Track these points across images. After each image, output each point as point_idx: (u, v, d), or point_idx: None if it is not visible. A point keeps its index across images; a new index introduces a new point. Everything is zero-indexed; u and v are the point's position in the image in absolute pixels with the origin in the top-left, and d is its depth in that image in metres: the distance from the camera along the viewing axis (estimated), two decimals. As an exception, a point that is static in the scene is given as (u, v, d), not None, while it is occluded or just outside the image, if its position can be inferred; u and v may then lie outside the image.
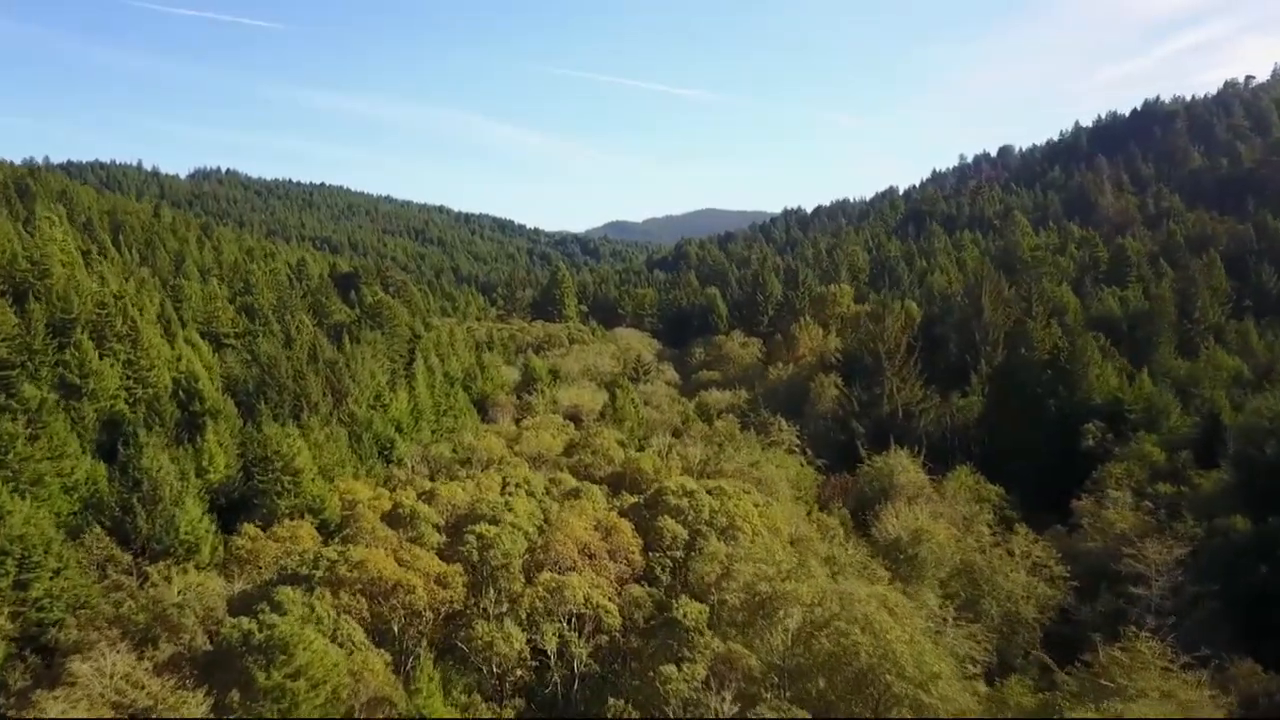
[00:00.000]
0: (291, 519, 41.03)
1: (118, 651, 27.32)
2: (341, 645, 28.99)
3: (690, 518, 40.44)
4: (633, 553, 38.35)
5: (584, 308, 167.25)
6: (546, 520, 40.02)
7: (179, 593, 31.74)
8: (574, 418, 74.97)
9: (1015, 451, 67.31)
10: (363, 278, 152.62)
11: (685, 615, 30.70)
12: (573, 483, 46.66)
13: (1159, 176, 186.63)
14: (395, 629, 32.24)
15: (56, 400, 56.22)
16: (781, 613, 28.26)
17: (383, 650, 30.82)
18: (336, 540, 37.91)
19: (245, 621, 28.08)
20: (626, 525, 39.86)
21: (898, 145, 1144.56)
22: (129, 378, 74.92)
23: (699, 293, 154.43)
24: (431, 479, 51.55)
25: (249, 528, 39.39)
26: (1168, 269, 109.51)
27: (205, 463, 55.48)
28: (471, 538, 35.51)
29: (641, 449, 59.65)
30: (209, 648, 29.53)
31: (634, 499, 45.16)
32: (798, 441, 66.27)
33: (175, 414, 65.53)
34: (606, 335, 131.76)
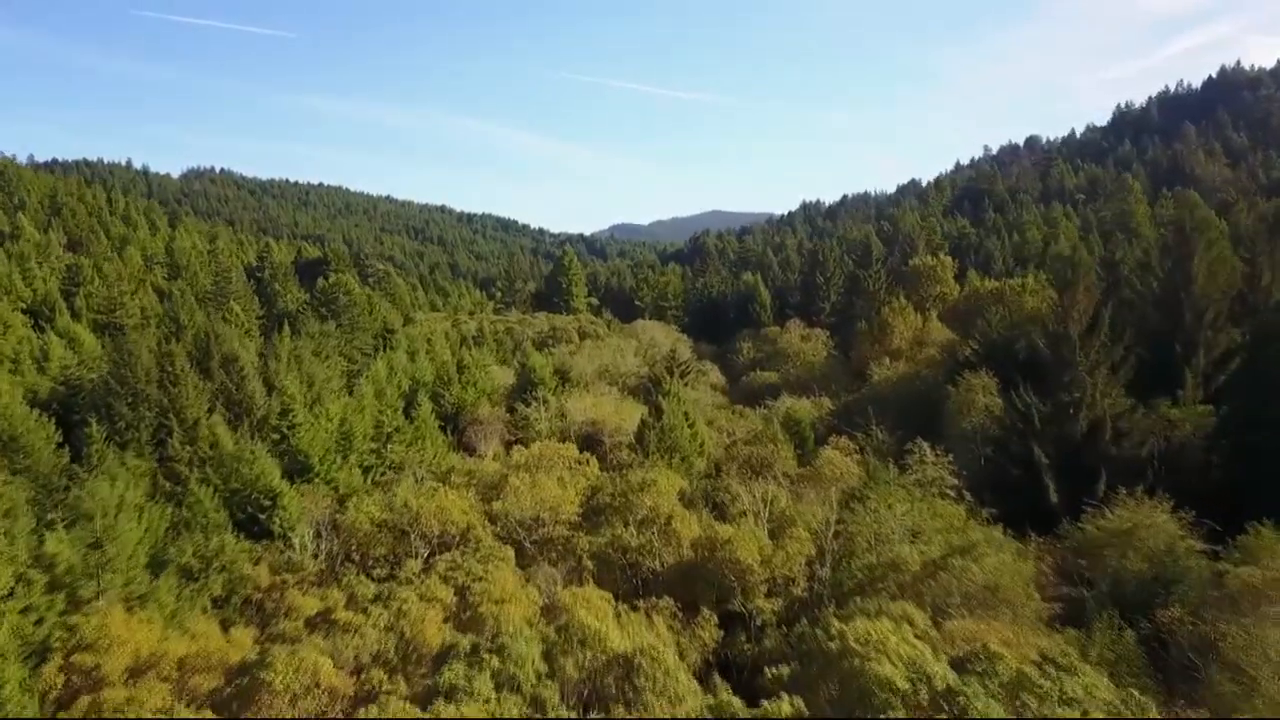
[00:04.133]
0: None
1: None
2: None
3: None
4: None
5: (594, 300, 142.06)
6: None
7: None
8: (592, 440, 49.97)
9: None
10: (332, 264, 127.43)
11: None
12: (615, 640, 17.83)
13: (1256, 144, 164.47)
14: None
15: None
16: None
17: None
18: None
19: None
20: None
21: (900, 144, 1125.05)
22: (-73, 386, 50.82)
23: (734, 279, 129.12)
24: (329, 576, 26.60)
25: None
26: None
27: (-70, 539, 30.62)
28: None
29: (716, 507, 34.08)
30: None
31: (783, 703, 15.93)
32: (954, 481, 41.02)
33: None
34: (625, 329, 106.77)
